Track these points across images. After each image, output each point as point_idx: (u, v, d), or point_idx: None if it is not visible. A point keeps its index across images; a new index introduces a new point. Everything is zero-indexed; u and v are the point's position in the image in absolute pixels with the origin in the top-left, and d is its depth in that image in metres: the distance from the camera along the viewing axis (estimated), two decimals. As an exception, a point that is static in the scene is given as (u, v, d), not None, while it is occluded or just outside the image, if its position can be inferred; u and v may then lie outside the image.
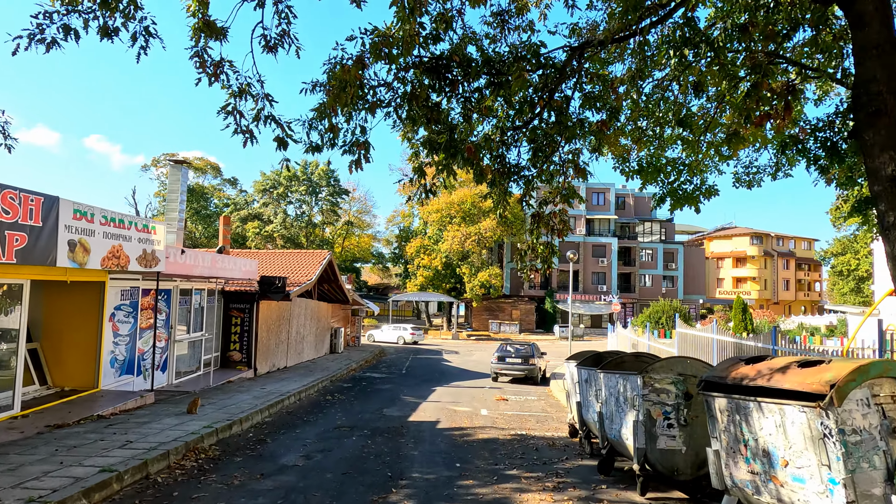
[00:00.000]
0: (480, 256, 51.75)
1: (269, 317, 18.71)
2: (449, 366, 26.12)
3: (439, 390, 17.15)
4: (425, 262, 51.70)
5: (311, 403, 13.65)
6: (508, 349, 20.75)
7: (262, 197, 61.76)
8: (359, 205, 69.16)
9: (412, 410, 13.07)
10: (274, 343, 19.18)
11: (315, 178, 60.89)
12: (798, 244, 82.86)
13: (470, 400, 15.16)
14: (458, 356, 31.33)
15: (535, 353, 20.34)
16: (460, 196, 51.71)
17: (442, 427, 11.28)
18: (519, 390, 17.91)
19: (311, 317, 24.36)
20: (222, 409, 11.22)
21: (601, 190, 60.41)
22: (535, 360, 19.92)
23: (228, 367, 17.26)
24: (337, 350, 28.88)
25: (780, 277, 78.11)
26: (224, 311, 17.51)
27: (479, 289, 49.74)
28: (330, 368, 20.82)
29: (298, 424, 11.06)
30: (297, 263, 22.02)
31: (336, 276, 25.14)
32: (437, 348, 36.61)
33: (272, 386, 15.02)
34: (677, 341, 12.51)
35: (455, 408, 13.66)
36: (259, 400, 12.45)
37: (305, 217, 61.93)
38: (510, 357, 20.04)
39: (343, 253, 67.81)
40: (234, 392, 13.48)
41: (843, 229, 65.07)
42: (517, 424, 11.80)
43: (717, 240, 79.94)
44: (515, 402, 15.19)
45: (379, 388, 17.17)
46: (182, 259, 11.96)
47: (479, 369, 24.64)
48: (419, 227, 59.97)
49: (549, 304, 56.39)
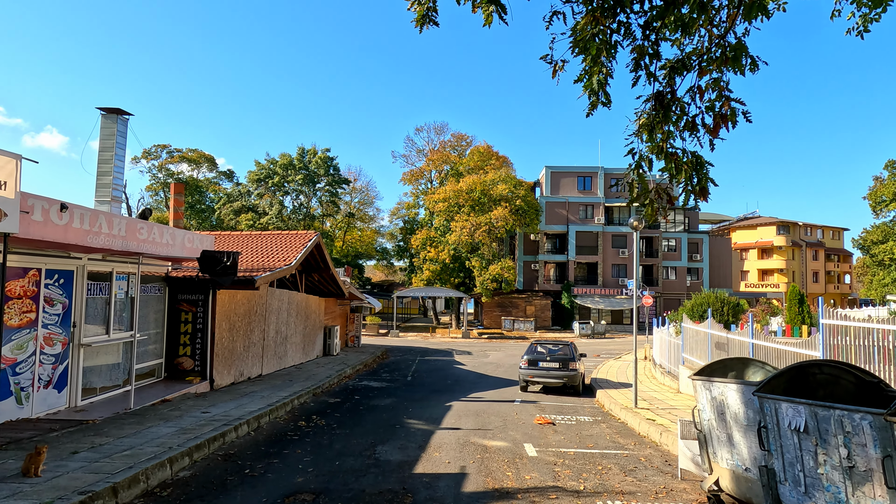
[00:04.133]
0: (491, 248, 47.34)
1: (234, 312, 14.47)
2: (463, 370, 21.83)
3: (456, 407, 12.87)
4: (432, 254, 47.33)
5: (272, 436, 9.34)
6: (541, 350, 16.43)
7: (256, 188, 57.46)
8: (360, 196, 64.85)
9: (421, 449, 8.75)
10: (242, 345, 14.93)
11: (313, 167, 56.62)
12: (826, 234, 77.98)
13: (502, 425, 10.80)
14: (471, 357, 27.03)
15: (574, 356, 16.02)
16: (469, 183, 47.32)
17: (474, 491, 6.86)
18: (560, 404, 13.62)
19: (298, 313, 20.11)
20: (104, 458, 6.93)
21: (621, 175, 55.73)
22: (575, 365, 15.60)
23: (176, 378, 13.02)
24: (332, 352, 24.64)
25: (808, 269, 73.34)
26: (171, 304, 13.26)
27: (490, 283, 45.32)
28: (317, 376, 16.57)
29: (229, 487, 6.71)
30: (274, 246, 17.75)
31: (327, 263, 20.87)
32: (446, 348, 32.32)
33: (224, 407, 10.75)
34: (822, 340, 8.16)
35: (485, 441, 9.33)
36: (185, 435, 8.16)
37: (304, 210, 57.69)
38: (544, 360, 15.71)
39: (344, 247, 63.53)
40: (156, 420, 9.20)
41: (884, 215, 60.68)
42: (595, 478, 7.37)
43: (740, 230, 75.24)
44: (566, 426, 10.85)
45: (375, 406, 12.88)
46: (62, 219, 7.69)
47: (499, 374, 20.33)
48: (425, 219, 55.63)
49: (566, 299, 51.93)
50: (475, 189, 47.15)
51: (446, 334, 44.44)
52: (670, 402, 13.11)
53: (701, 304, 27.91)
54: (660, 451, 8.75)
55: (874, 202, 55.89)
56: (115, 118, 14.05)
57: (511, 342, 38.38)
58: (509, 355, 28.43)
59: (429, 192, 52.64)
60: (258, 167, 57.68)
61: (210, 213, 62.32)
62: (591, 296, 52.04)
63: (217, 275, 10.05)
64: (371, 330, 44.06)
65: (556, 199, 54.34)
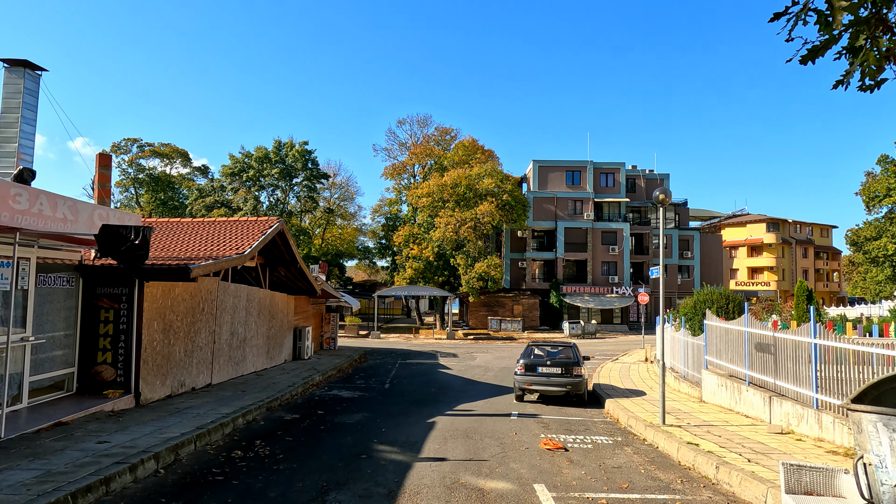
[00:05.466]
0: (477, 245, 45.00)
1: (172, 309, 11.93)
2: (448, 375, 19.48)
3: (441, 424, 10.47)
4: (415, 252, 44.85)
5: (186, 477, 6.79)
6: (539, 353, 14.10)
7: (230, 182, 54.41)
8: (340, 191, 62.05)
9: (390, 499, 6.18)
10: (182, 350, 12.38)
11: (290, 160, 53.79)
12: (815, 231, 76.94)
13: (500, 452, 8.40)
14: (457, 360, 24.69)
15: (578, 359, 13.73)
16: (454, 177, 44.94)
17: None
18: (566, 418, 11.30)
19: (260, 311, 17.59)
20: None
21: (610, 170, 53.93)
22: (579, 370, 13.29)
23: (93, 391, 10.46)
24: (303, 355, 22.13)
25: (798, 267, 72.18)
26: (87, 299, 10.70)
27: (476, 281, 42.93)
28: (278, 385, 14.07)
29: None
30: (228, 234, 15.21)
31: (294, 256, 18.37)
32: (430, 350, 29.93)
33: (135, 432, 8.24)
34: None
35: (480, 481, 6.89)
36: (44, 486, 5.63)
37: (281, 206, 54.80)
38: (544, 365, 13.37)
39: (324, 245, 60.73)
40: (22, 457, 6.66)
41: (876, 211, 59.54)
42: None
43: (729, 227, 73.86)
44: (582, 452, 8.49)
45: (341, 424, 10.44)
46: None
47: (488, 379, 18.01)
48: (408, 215, 53.13)
49: (555, 298, 49.78)
50: (460, 183, 44.79)
51: (430, 335, 42.03)
52: (701, 416, 10.86)
53: (704, 301, 25.74)
54: (723, 496, 6.39)
55: (867, 198, 54.59)
56: (21, 72, 11.44)
57: (498, 343, 36.07)
58: (498, 357, 26.13)
59: (412, 188, 50.14)
60: (232, 161, 54.70)
61: (183, 210, 59.20)
62: (581, 294, 49.96)
63: (123, 257, 7.56)
64: (350, 331, 41.50)
65: (543, 195, 52.21)
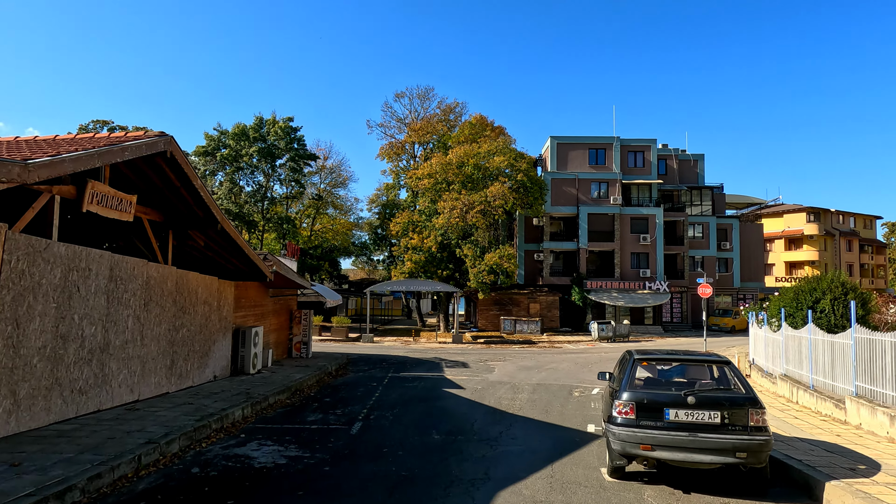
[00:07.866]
0: (487, 234, 38.00)
1: None
2: (460, 399, 12.58)
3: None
4: (415, 242, 37.77)
5: None
6: (664, 378, 7.06)
7: (204, 163, 47.58)
8: (331, 177, 55.10)
9: None
10: None
11: (272, 138, 46.92)
12: (858, 222, 69.59)
13: None
14: (469, 373, 17.78)
15: (749, 393, 6.66)
16: (459, 155, 37.90)
17: None
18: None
19: (150, 300, 10.75)
20: None
21: (640, 148, 46.85)
22: (757, 416, 6.30)
23: None
24: (247, 369, 15.27)
25: (842, 261, 64.88)
26: None
27: (486, 276, 35.81)
28: (124, 442, 7.23)
29: None
30: (40, 152, 8.42)
31: (208, 208, 11.52)
32: (433, 357, 22.99)
33: None
34: None
35: None
36: None
37: (262, 192, 47.93)
38: (683, 405, 6.33)
39: (314, 238, 53.83)
40: None
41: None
42: None
43: (765, 218, 66.70)
44: None
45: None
46: None
47: (522, 406, 11.16)
48: (407, 200, 46.16)
49: (577, 295, 42.66)
50: (467, 162, 37.71)
51: (433, 338, 35.04)
52: None
53: (809, 293, 18.41)
54: None
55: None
56: None
57: (515, 348, 28.99)
58: (522, 368, 19.20)
59: (411, 170, 43.11)
60: (207, 139, 47.86)
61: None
62: (608, 290, 42.80)
63: None
64: (338, 334, 34.54)
65: (563, 176, 45.16)
